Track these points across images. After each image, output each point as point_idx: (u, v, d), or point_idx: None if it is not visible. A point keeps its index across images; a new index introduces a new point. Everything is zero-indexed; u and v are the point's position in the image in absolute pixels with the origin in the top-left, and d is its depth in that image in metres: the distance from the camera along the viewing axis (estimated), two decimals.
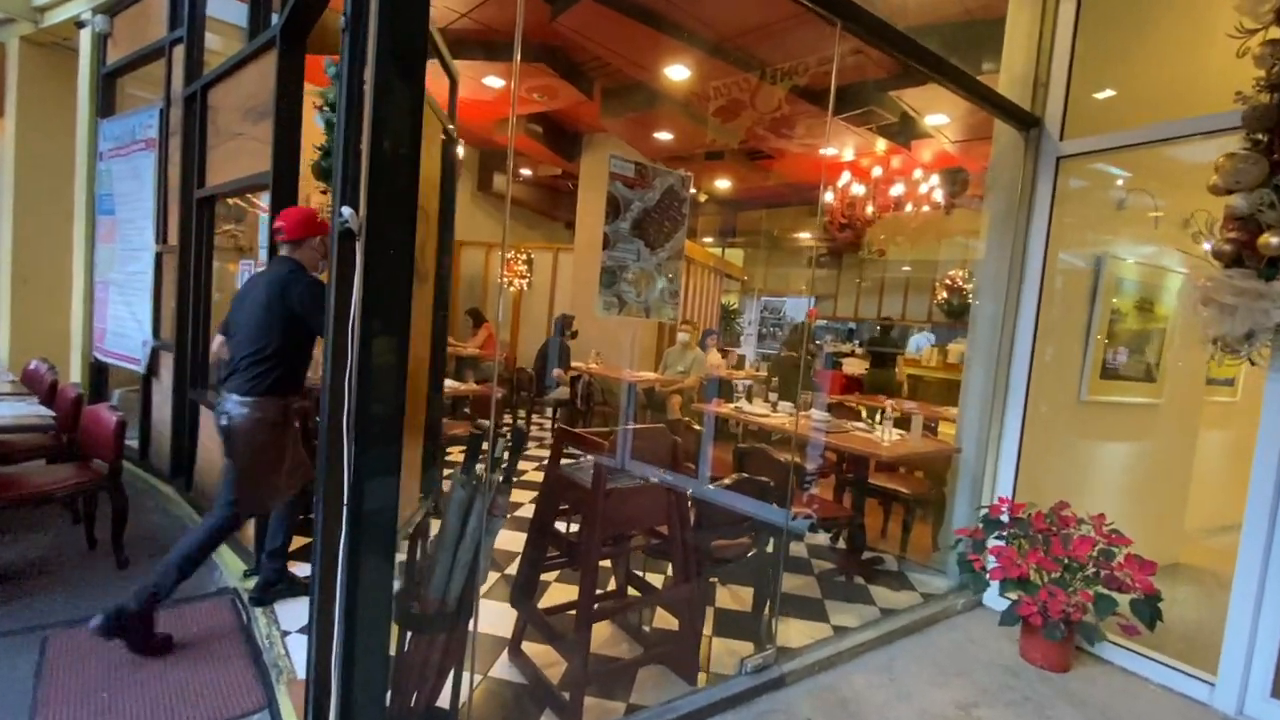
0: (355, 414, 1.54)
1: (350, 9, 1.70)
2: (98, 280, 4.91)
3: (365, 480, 1.56)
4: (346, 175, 1.74)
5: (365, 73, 1.72)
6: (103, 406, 3.12)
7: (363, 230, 1.52)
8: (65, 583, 2.91)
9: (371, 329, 1.54)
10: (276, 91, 2.78)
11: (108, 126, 4.80)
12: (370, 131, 1.49)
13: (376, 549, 1.60)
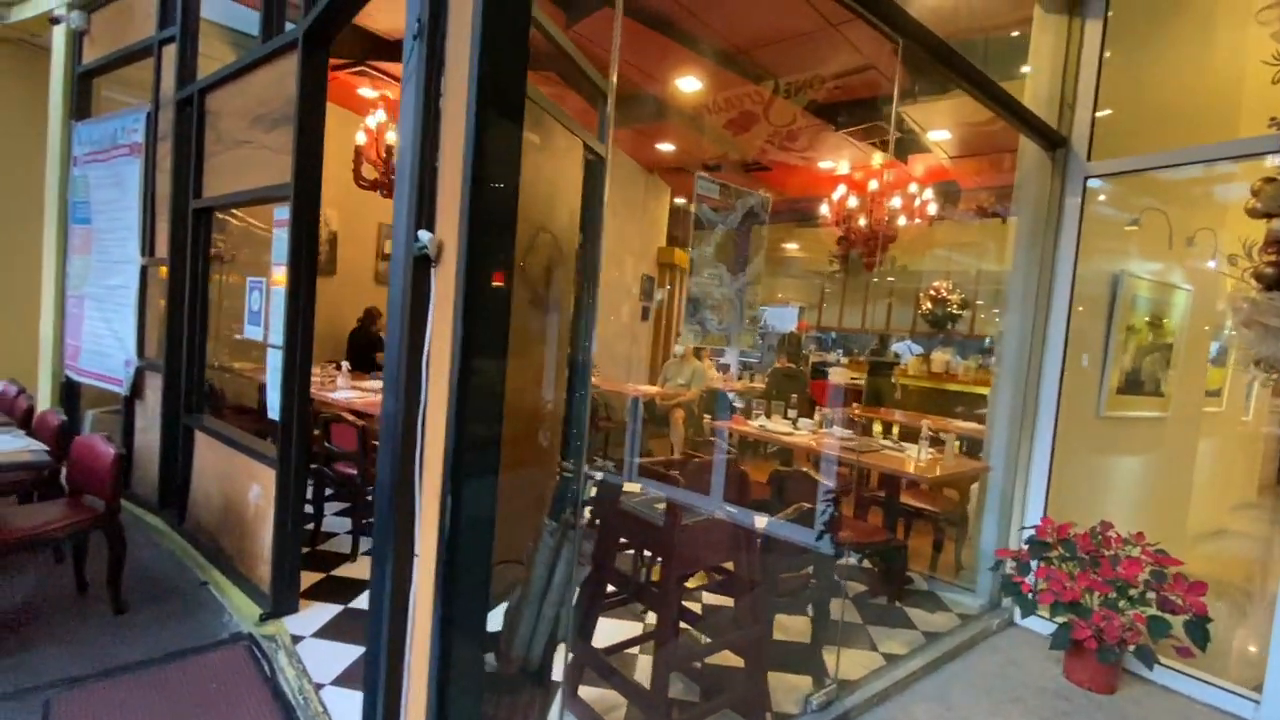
0: (453, 452, 1.40)
1: (425, 14, 1.56)
2: (70, 294, 4.56)
3: (461, 531, 1.42)
4: (420, 196, 1.60)
5: (442, 83, 1.59)
6: (98, 438, 2.86)
7: (463, 260, 1.39)
8: (58, 633, 2.65)
9: (471, 364, 1.40)
10: (299, 97, 2.60)
11: (83, 130, 4.47)
12: (472, 157, 1.36)
13: (470, 605, 1.46)
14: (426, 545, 1.61)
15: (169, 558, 3.46)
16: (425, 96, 1.55)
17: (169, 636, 2.71)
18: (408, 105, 1.54)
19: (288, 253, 2.66)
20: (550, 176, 2.38)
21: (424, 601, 1.58)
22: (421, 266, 1.60)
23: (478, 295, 1.39)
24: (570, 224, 2.52)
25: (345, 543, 3.64)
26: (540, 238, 2.20)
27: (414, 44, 1.54)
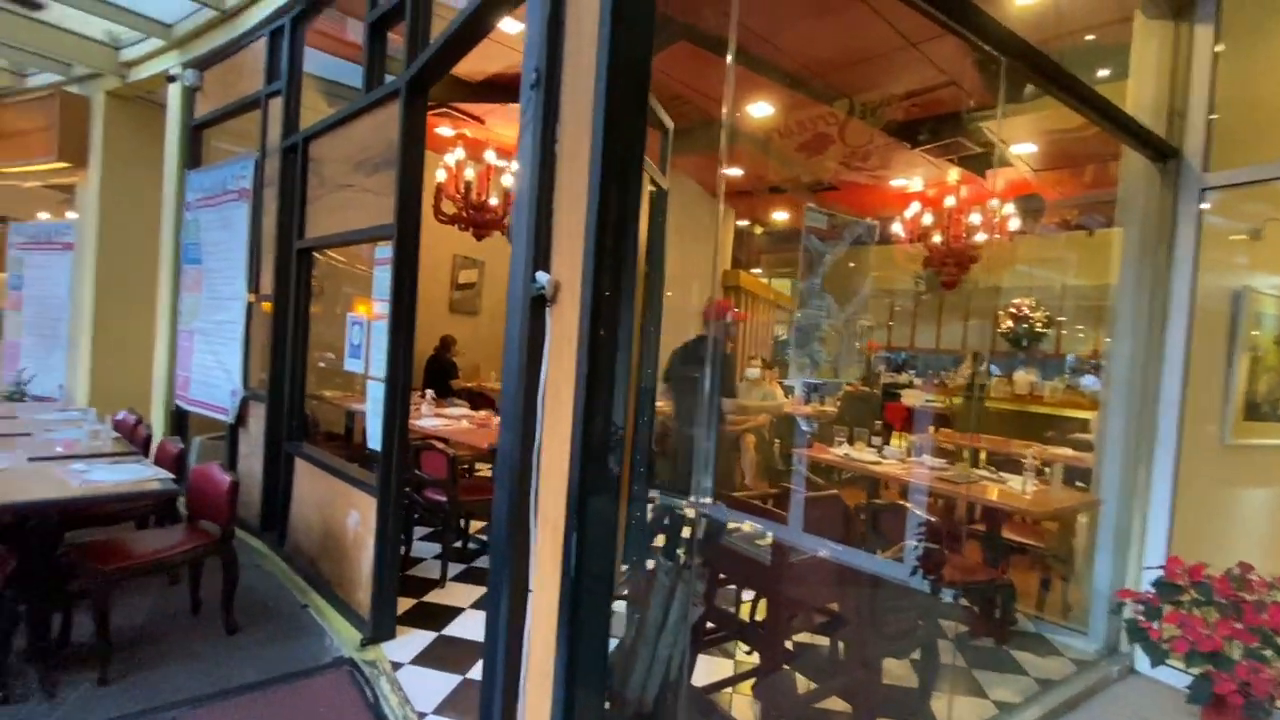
0: (577, 491, 1.40)
1: (543, 63, 1.61)
2: (181, 329, 4.92)
3: (585, 571, 1.42)
4: (537, 239, 1.63)
5: (557, 129, 1.63)
6: (214, 466, 3.05)
7: (587, 300, 1.40)
8: (178, 652, 2.80)
9: (595, 403, 1.41)
10: (401, 143, 2.74)
11: (195, 178, 4.86)
12: (598, 201, 1.38)
13: (593, 646, 1.45)
14: (542, 581, 1.62)
15: (271, 580, 3.63)
16: (542, 143, 1.60)
17: (276, 657, 2.83)
18: (526, 151, 1.59)
19: (390, 289, 2.78)
20: None
21: (541, 639, 1.58)
22: (538, 306, 1.63)
23: (601, 335, 1.40)
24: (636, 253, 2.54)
25: (433, 568, 3.72)
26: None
27: (531, 93, 1.59)
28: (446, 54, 2.60)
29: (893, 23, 3.55)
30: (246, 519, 4.17)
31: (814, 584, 2.01)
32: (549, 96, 1.60)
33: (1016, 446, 5.05)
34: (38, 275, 6.43)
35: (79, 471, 2.72)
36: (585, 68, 1.48)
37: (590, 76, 1.44)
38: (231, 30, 4.44)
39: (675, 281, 6.97)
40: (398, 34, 3.21)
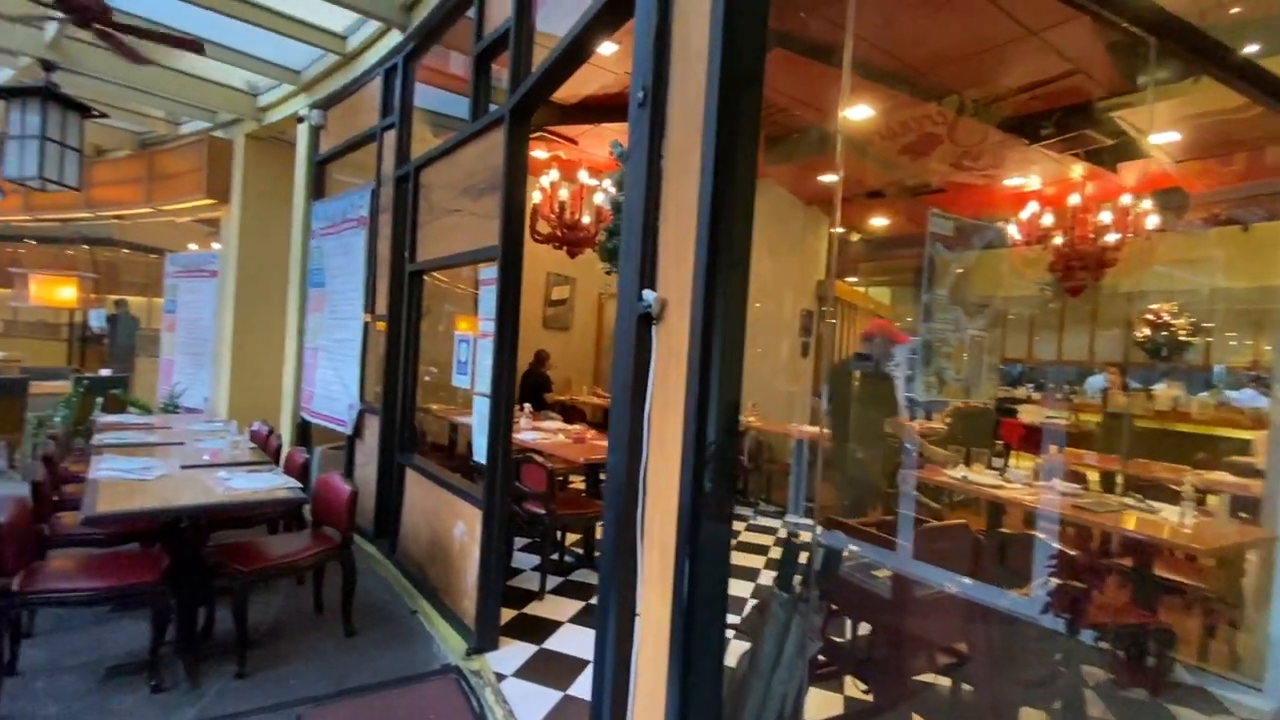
0: (690, 515, 1.36)
1: (649, 81, 1.59)
2: (307, 346, 5.36)
3: (698, 598, 1.36)
4: (644, 257, 1.61)
5: (663, 146, 1.60)
6: (335, 475, 3.26)
7: (698, 317, 1.36)
8: (303, 650, 3.00)
9: (706, 425, 1.36)
10: (506, 167, 2.84)
11: (320, 208, 5.30)
12: (710, 219, 1.34)
13: (707, 677, 1.39)
14: (650, 606, 1.58)
15: (384, 585, 3.83)
16: (649, 160, 1.58)
17: (390, 661, 2.97)
18: (635, 170, 1.58)
19: (495, 308, 2.88)
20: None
21: (650, 665, 1.54)
22: (644, 324, 1.61)
23: (712, 354, 1.36)
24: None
25: (532, 580, 3.79)
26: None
27: (639, 112, 1.59)
28: (547, 80, 2.68)
29: (1009, 11, 3.30)
30: (362, 525, 4.43)
31: (938, 620, 1.84)
32: (655, 114, 1.59)
33: (1161, 470, 4.50)
34: (188, 300, 7.25)
35: (222, 479, 2.99)
36: (693, 85, 1.45)
37: (699, 93, 1.41)
38: (351, 72, 4.82)
39: (766, 293, 6.83)
40: (500, 64, 3.35)
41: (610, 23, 2.28)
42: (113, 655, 2.84)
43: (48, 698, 2.51)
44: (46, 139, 5.01)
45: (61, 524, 3.14)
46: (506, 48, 2.95)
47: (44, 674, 2.66)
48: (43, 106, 4.95)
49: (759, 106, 1.40)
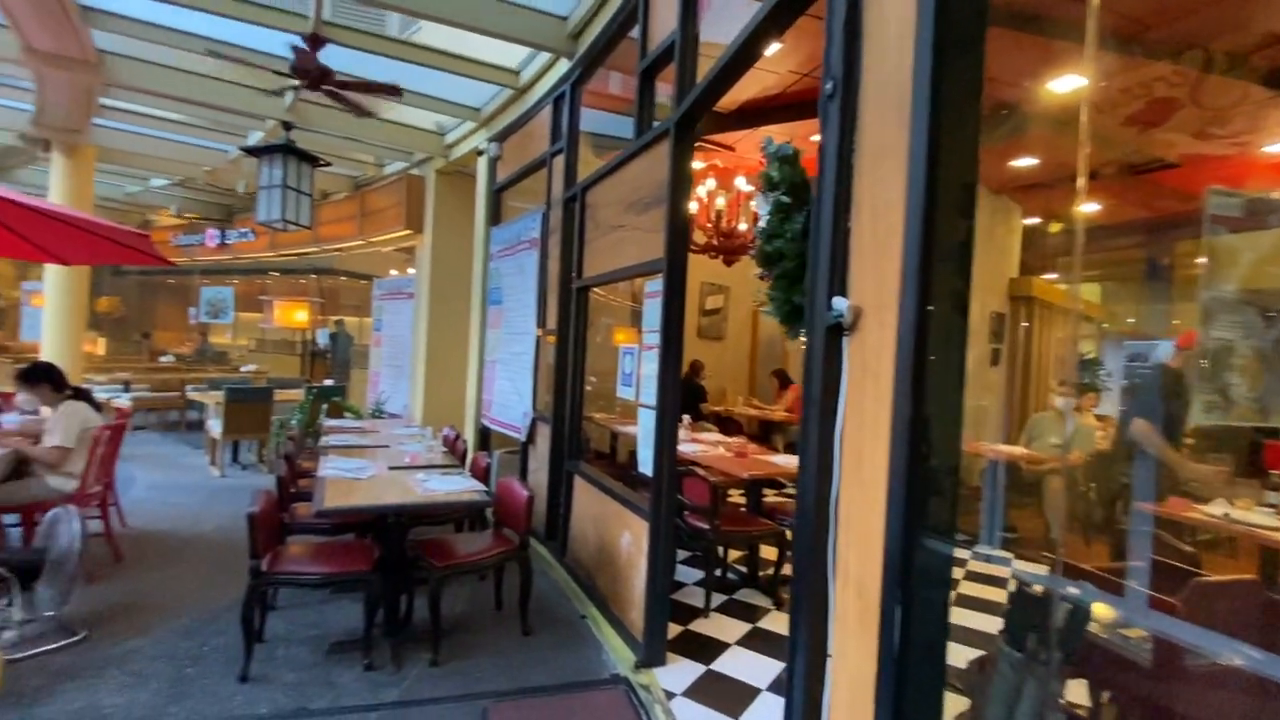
0: (899, 552, 1.20)
1: (839, 73, 1.45)
2: (486, 359, 5.83)
3: (910, 652, 1.19)
4: (834, 262, 1.46)
5: (855, 140, 1.44)
6: (514, 480, 3.47)
7: (909, 325, 1.20)
8: (486, 645, 3.20)
9: (919, 447, 1.19)
10: (670, 180, 2.84)
11: (497, 232, 5.76)
12: (922, 215, 1.18)
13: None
14: (845, 648, 1.42)
15: (555, 587, 4.00)
16: (840, 158, 1.45)
17: (563, 664, 3.06)
18: (826, 168, 1.46)
19: (660, 320, 2.88)
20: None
21: (846, 712, 1.38)
22: (833, 336, 1.47)
23: (927, 367, 1.18)
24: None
25: (694, 595, 3.73)
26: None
27: (828, 105, 1.46)
28: (713, 89, 2.63)
29: None
30: (534, 527, 4.68)
31: (1220, 702, 1.46)
32: (846, 107, 1.45)
33: None
34: (391, 319, 8.28)
35: (421, 480, 3.30)
36: (892, 68, 1.30)
37: (901, 75, 1.25)
38: (524, 104, 5.18)
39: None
40: (663, 79, 3.38)
41: (780, 23, 2.17)
42: (334, 632, 3.25)
43: (285, 665, 2.92)
44: (287, 187, 6.00)
45: (297, 514, 3.67)
46: (671, 61, 2.95)
47: (283, 643, 3.11)
48: (284, 160, 5.92)
49: (980, 76, 1.22)
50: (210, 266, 12.89)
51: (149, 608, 3.40)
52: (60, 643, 2.94)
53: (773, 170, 2.21)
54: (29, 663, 2.77)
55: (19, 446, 3.70)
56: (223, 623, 3.25)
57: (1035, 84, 4.07)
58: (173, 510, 5.22)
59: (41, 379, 3.91)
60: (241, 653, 2.80)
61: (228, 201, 11.19)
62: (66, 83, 5.55)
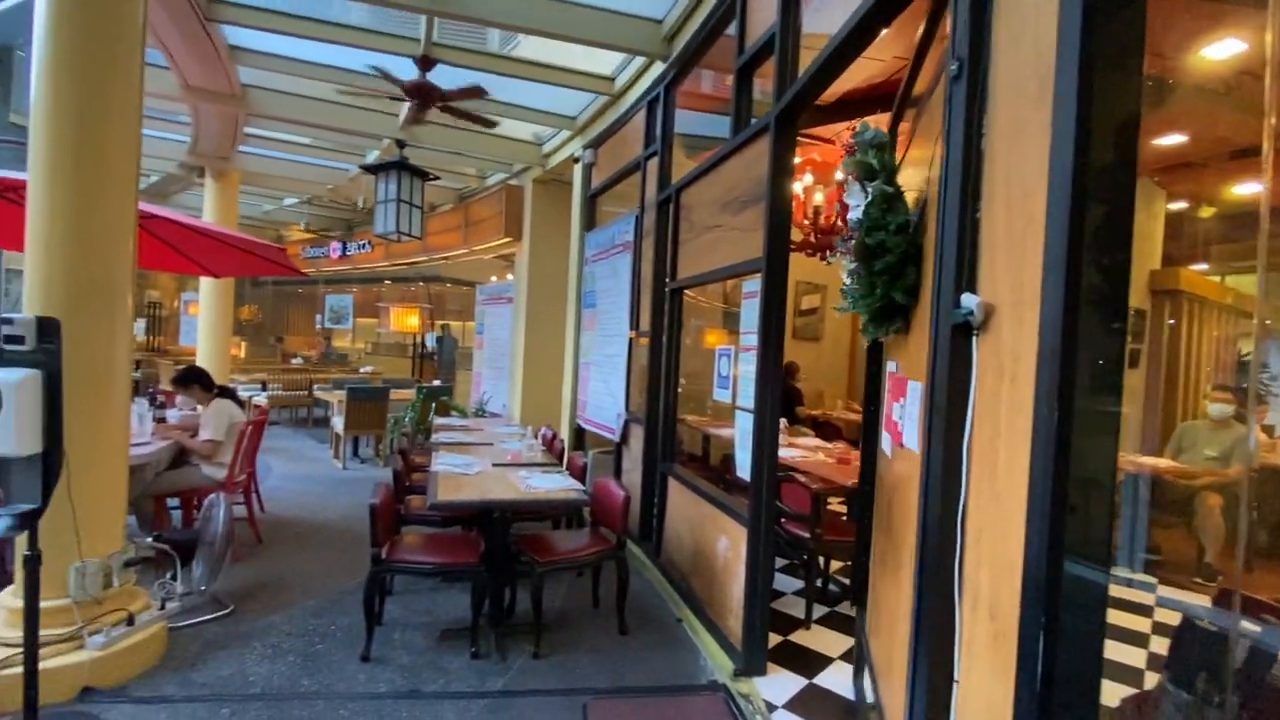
0: (1043, 575, 1.08)
1: (966, 51, 1.34)
2: (581, 361, 5.95)
3: (1056, 689, 1.08)
4: (962, 255, 1.35)
5: (984, 122, 1.33)
6: (611, 481, 3.51)
7: (1053, 322, 1.09)
8: (584, 641, 3.26)
9: (1068, 458, 1.08)
10: (771, 176, 2.77)
11: (591, 237, 5.87)
12: (1069, 199, 1.06)
13: None
14: (973, 672, 1.31)
15: (649, 587, 4.01)
16: (965, 141, 1.34)
17: (659, 665, 3.06)
18: (952, 155, 1.36)
19: (758, 321, 2.81)
20: None
21: None
22: (961, 336, 1.36)
23: (1079, 370, 1.06)
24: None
25: (793, 605, 3.61)
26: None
27: (954, 87, 1.36)
28: (816, 82, 2.54)
29: None
30: (629, 527, 4.73)
31: None
32: (973, 87, 1.34)
33: None
34: (492, 323, 8.66)
35: (523, 478, 3.42)
36: (1029, 44, 1.18)
37: (1044, 43, 1.13)
38: (618, 109, 5.25)
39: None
40: (761, 75, 3.31)
41: (891, 8, 2.06)
42: (443, 620, 3.42)
43: (400, 648, 3.11)
44: (400, 201, 6.43)
45: (410, 505, 3.90)
46: (770, 55, 2.88)
47: (398, 627, 3.31)
48: (398, 176, 6.35)
49: (1140, 35, 1.08)
50: (333, 276, 14.08)
51: (284, 587, 3.74)
52: (212, 615, 3.29)
53: (871, 158, 2.09)
54: (187, 631, 3.12)
55: (179, 439, 4.19)
56: (346, 604, 3.52)
57: (1186, 50, 3.61)
58: (302, 498, 5.72)
59: (193, 381, 4.41)
60: (363, 634, 3.02)
61: (348, 216, 12.18)
62: (217, 115, 6.25)
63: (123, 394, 2.85)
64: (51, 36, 2.54)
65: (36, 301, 2.55)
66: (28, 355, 2.05)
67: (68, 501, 2.25)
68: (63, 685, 2.46)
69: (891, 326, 2.05)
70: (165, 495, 4.13)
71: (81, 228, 2.59)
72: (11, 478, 2.10)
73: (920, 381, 1.68)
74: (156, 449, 3.93)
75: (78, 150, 2.57)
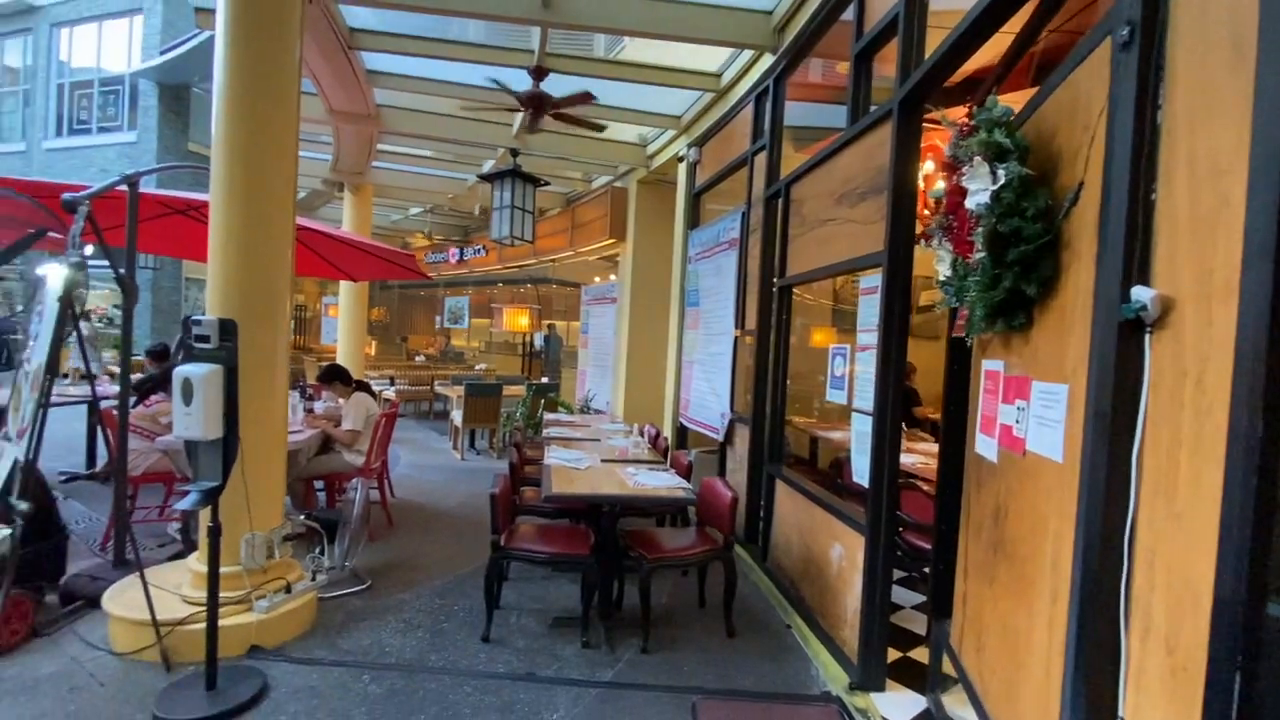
0: (1240, 615, 0.95)
1: (1136, 16, 1.20)
2: (684, 360, 5.96)
3: None
4: (1131, 242, 1.21)
5: (1160, 93, 1.18)
6: (718, 481, 3.48)
7: (1259, 317, 0.95)
8: (691, 640, 3.26)
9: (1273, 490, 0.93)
10: (893, 166, 2.63)
11: (695, 235, 5.86)
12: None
13: None
14: (1145, 711, 1.17)
15: (756, 591, 3.94)
16: (1139, 115, 1.20)
17: (768, 671, 3.00)
18: (1119, 132, 1.22)
19: (879, 318, 2.68)
20: None
21: None
22: (1130, 333, 1.22)
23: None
24: None
25: (914, 620, 3.41)
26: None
27: (1121, 55, 1.22)
28: (946, 63, 2.37)
29: None
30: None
31: None
32: (1147, 56, 1.20)
33: None
34: (596, 323, 8.88)
35: (631, 474, 3.47)
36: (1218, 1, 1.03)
37: (1235, 5, 0.99)
38: (723, 105, 5.20)
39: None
40: (881, 59, 3.14)
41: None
42: (554, 608, 3.55)
43: (516, 632, 3.26)
44: (514, 207, 6.75)
45: (524, 497, 4.09)
46: (893, 36, 2.73)
47: (514, 612, 3.48)
48: (512, 183, 6.67)
49: None
50: (451, 279, 15.05)
51: (413, 567, 4.05)
52: (353, 589, 3.62)
53: (1001, 136, 1.91)
54: (332, 602, 3.44)
55: (325, 428, 4.64)
56: (467, 587, 3.74)
57: None
58: (426, 486, 6.16)
59: (334, 377, 4.89)
60: (483, 615, 3.20)
61: (465, 223, 12.98)
62: (355, 134, 6.86)
63: (283, 387, 3.20)
64: (227, 81, 2.90)
65: (216, 305, 2.92)
66: (212, 352, 2.35)
67: (241, 480, 2.56)
68: (235, 642, 2.80)
69: (1014, 321, 1.88)
70: (313, 478, 4.60)
71: (251, 242, 2.94)
72: (199, 459, 2.43)
73: (1061, 383, 1.53)
74: (308, 436, 4.38)
75: (248, 176, 2.92)
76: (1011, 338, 2.03)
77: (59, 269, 2.50)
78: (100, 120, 14.22)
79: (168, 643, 2.68)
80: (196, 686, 2.49)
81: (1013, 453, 1.90)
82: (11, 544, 2.34)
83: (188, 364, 2.33)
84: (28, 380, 2.58)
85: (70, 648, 2.81)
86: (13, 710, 2.37)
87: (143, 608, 2.66)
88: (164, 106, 13.19)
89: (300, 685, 2.66)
